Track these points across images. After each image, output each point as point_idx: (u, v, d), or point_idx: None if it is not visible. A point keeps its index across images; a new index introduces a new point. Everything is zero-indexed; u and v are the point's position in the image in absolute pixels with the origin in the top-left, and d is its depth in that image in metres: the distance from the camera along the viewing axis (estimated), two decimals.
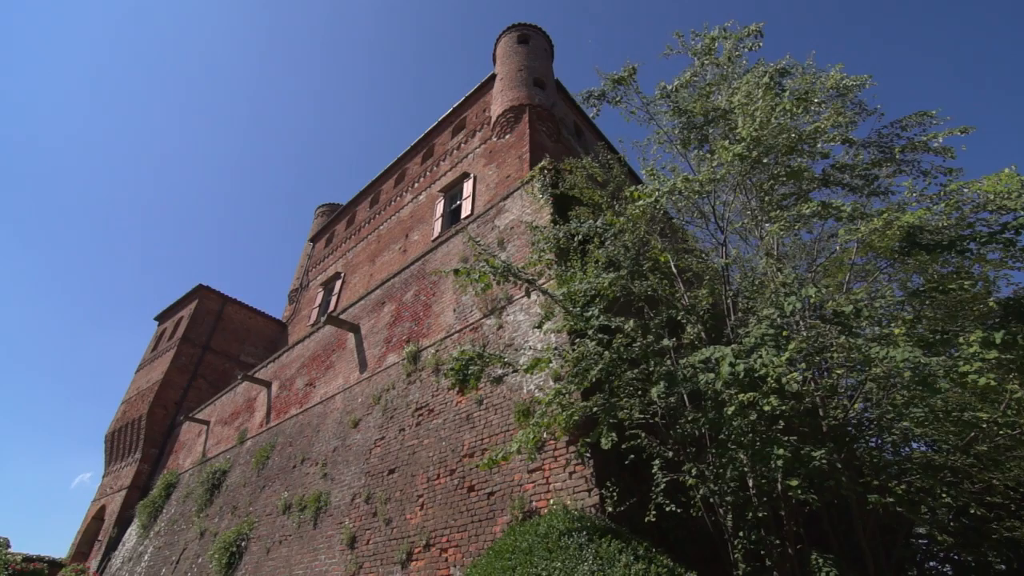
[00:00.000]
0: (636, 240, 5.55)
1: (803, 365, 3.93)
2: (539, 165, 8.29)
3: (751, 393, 3.68)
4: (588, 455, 5.28)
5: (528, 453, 5.74)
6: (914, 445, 6.80)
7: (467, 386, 7.18)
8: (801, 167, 5.22)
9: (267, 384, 13.47)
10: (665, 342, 4.56)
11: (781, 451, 3.58)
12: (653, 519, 4.56)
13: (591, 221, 5.65)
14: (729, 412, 3.76)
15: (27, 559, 14.51)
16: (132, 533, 15.46)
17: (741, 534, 4.61)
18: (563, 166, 7.68)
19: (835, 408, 5.80)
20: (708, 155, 5.15)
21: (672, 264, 5.96)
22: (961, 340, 4.07)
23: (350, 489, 8.20)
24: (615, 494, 5.00)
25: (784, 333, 3.89)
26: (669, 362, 4.67)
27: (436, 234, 13.34)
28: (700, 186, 4.89)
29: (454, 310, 8.63)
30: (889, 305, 5.65)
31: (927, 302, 5.49)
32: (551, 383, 5.93)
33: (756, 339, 3.63)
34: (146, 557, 13.55)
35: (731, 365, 3.37)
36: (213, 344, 20.24)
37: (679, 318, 5.38)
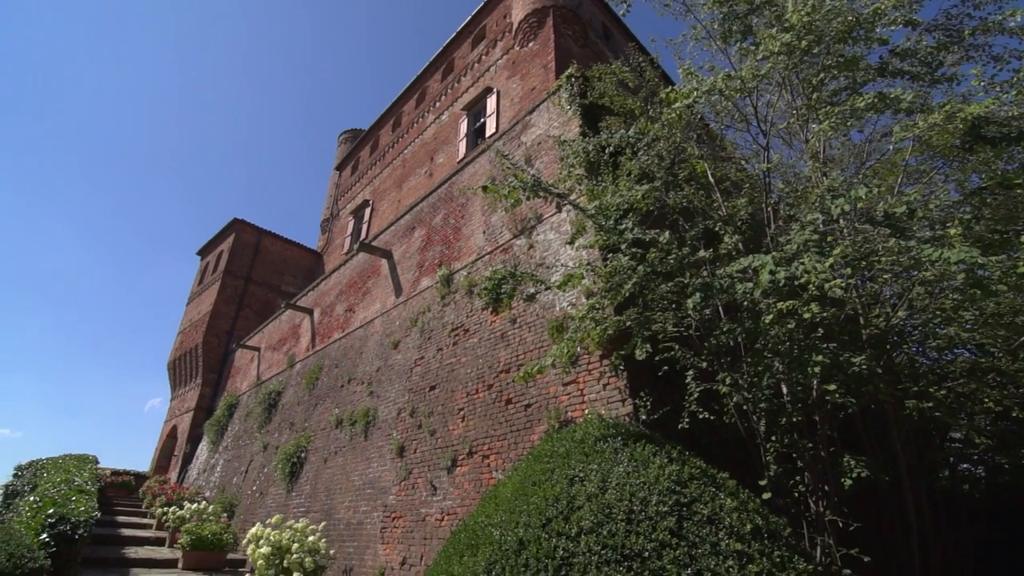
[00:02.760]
0: (671, 148, 5.27)
1: (848, 271, 3.78)
2: (565, 73, 7.81)
3: (791, 301, 3.59)
4: (622, 367, 5.38)
5: (562, 367, 5.90)
6: (957, 351, 6.67)
7: (500, 305, 7.30)
8: (856, 56, 4.74)
9: (309, 311, 14.03)
10: (701, 253, 4.44)
11: (819, 358, 3.54)
12: (686, 426, 4.68)
13: (623, 131, 5.35)
14: (767, 321, 3.70)
15: (115, 472, 16.29)
16: (203, 448, 17.05)
17: (774, 438, 4.71)
18: (591, 73, 7.20)
19: (877, 316, 5.67)
20: (752, 48, 4.70)
21: (709, 173, 5.68)
22: (1023, 239, 3.82)
23: (395, 405, 8.70)
24: (648, 404, 5.13)
25: (829, 239, 3.71)
26: (705, 273, 4.58)
27: (461, 155, 13.04)
28: (742, 84, 4.52)
29: (484, 232, 8.59)
30: (944, 206, 5.31)
31: (988, 200, 5.13)
32: (583, 300, 5.95)
33: (798, 245, 3.49)
34: (218, 468, 15.01)
35: (771, 273, 3.27)
36: (254, 275, 21.01)
37: (716, 229, 5.20)
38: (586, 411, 5.56)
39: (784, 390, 4.71)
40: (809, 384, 4.58)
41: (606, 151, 5.57)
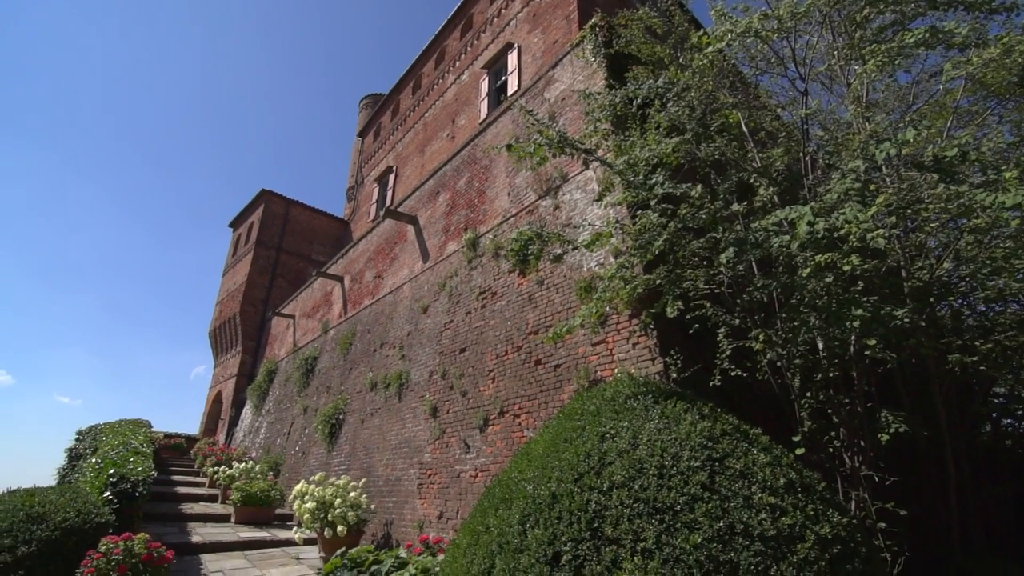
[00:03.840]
0: (702, 98, 5.02)
1: (891, 219, 3.60)
2: (589, 23, 7.47)
3: (829, 254, 3.46)
4: (651, 326, 5.33)
5: (591, 327, 5.88)
6: (1008, 301, 6.39)
7: (527, 267, 7.28)
8: None
9: (340, 279, 14.29)
10: (735, 207, 4.28)
11: (859, 311, 3.43)
12: (718, 383, 4.65)
13: (651, 81, 5.12)
14: (804, 274, 3.58)
15: (168, 435, 17.29)
16: (247, 412, 17.88)
17: (808, 394, 4.65)
18: (616, 21, 6.87)
19: (920, 268, 5.45)
20: None
21: (743, 123, 5.42)
22: None
23: (427, 367, 8.89)
24: (679, 362, 5.10)
25: (871, 187, 3.53)
26: (739, 228, 4.43)
27: (483, 116, 12.80)
28: (780, 24, 4.24)
29: (508, 194, 8.50)
30: (999, 149, 4.98)
31: None
32: (611, 259, 5.87)
33: (839, 195, 3.32)
34: (262, 430, 15.76)
35: (809, 224, 3.13)
36: (285, 245, 21.43)
37: (750, 181, 5.00)
38: (616, 370, 5.57)
39: (820, 346, 4.60)
40: (847, 339, 4.46)
41: (633, 103, 5.36)
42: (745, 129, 5.49)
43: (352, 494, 7.66)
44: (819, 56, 5.41)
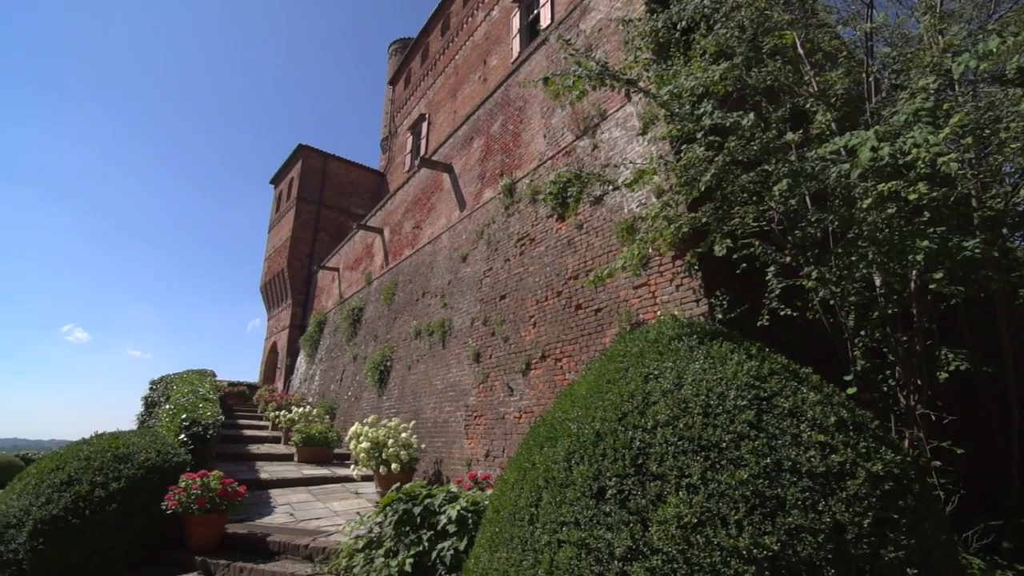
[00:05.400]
0: (754, 17, 4.61)
1: (968, 140, 3.28)
2: None
3: (893, 182, 3.20)
4: (696, 267, 5.19)
5: (633, 269, 5.77)
6: None
7: (567, 210, 7.14)
8: None
9: (379, 231, 14.49)
10: (789, 136, 3.99)
11: (925, 243, 3.20)
12: (766, 323, 4.52)
13: (696, 1, 4.72)
14: (865, 205, 3.34)
15: (232, 384, 18.50)
16: (301, 361, 18.85)
17: (863, 333, 4.47)
18: None
19: (994, 196, 5.02)
20: None
21: (798, 44, 4.98)
22: None
23: (468, 315, 9.04)
24: (724, 302, 4.97)
25: (945, 106, 3.20)
26: (792, 158, 4.15)
27: (515, 54, 12.29)
28: None
29: (544, 136, 8.25)
30: None
31: None
32: (653, 199, 5.67)
33: (907, 116, 3.03)
34: (316, 378, 16.63)
35: (873, 150, 2.89)
36: (325, 200, 21.78)
37: (806, 107, 4.63)
38: (658, 313, 5.50)
39: (877, 282, 4.37)
40: (908, 274, 4.22)
41: (677, 28, 4.98)
42: (800, 51, 5.04)
43: (403, 435, 8.07)
44: None
